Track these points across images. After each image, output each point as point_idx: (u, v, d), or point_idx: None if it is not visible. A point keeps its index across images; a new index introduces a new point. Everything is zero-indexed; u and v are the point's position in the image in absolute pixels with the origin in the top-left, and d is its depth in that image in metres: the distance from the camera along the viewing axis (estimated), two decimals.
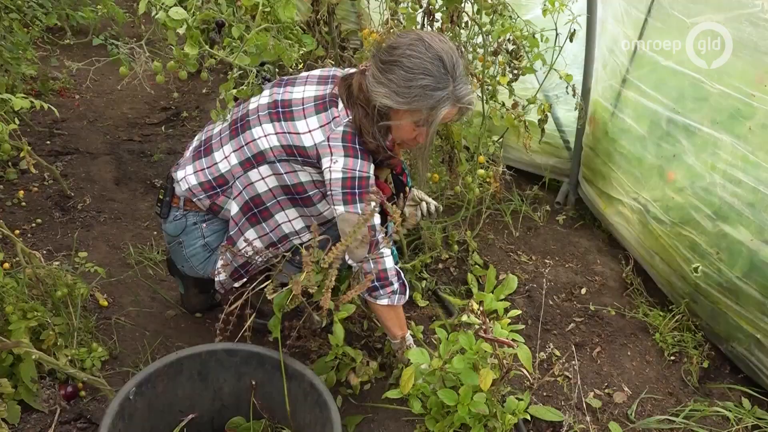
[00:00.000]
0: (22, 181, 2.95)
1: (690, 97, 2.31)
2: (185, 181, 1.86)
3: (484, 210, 2.91)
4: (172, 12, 1.58)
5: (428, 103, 1.66)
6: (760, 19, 1.93)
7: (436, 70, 1.64)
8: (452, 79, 1.66)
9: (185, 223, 1.91)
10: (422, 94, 1.64)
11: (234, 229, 1.85)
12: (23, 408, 1.75)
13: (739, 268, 2.10)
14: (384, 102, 1.67)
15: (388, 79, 1.65)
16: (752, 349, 2.14)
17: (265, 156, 1.76)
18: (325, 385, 1.56)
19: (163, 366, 1.55)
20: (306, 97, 1.79)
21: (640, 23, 2.50)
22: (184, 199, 1.89)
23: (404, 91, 1.64)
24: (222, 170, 1.82)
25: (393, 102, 1.67)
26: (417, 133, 1.77)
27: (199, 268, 1.96)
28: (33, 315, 1.78)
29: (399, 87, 1.64)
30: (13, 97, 1.73)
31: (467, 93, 1.70)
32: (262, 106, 1.81)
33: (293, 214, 1.84)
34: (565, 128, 3.17)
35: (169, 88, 4.17)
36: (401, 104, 1.67)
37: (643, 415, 2.06)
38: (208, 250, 1.93)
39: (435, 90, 1.65)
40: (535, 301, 2.51)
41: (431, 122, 1.70)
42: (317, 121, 1.74)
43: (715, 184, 2.18)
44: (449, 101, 1.67)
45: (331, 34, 2.68)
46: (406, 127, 1.75)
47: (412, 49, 1.64)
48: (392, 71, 1.65)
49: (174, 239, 1.94)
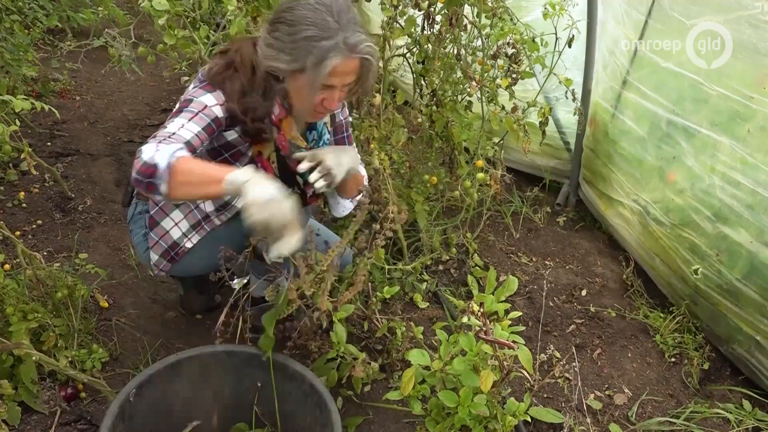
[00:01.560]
0: (22, 182, 2.95)
1: (689, 98, 2.32)
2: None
3: (484, 211, 2.91)
4: (155, 2, 1.65)
5: (315, 56, 1.49)
6: (760, 21, 1.94)
7: (319, 19, 1.48)
8: (340, 28, 1.49)
9: (134, 210, 1.92)
10: (307, 47, 1.48)
11: (154, 208, 1.83)
12: (23, 409, 1.76)
13: (739, 270, 2.10)
14: (272, 64, 1.54)
15: (274, 38, 1.53)
16: (752, 351, 2.14)
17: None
18: (325, 387, 1.56)
19: (164, 367, 1.55)
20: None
21: (641, 24, 2.51)
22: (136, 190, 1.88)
23: (289, 47, 1.50)
24: None
25: (281, 62, 1.53)
26: (322, 97, 1.58)
27: (143, 256, 1.92)
28: (33, 316, 1.79)
29: (284, 43, 1.51)
30: (14, 98, 1.74)
31: (360, 41, 1.51)
32: None
33: None
34: (565, 130, 3.17)
35: (170, 88, 4.18)
36: (288, 62, 1.52)
37: (644, 417, 2.06)
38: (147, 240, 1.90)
39: (321, 40, 1.48)
40: (536, 303, 2.51)
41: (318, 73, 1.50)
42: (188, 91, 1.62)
43: (715, 186, 2.18)
44: (339, 52, 1.49)
45: None
46: (305, 90, 1.57)
47: (295, 1, 1.52)
48: (277, 29, 1.53)
49: (129, 227, 1.95)
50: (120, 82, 4.36)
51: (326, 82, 1.54)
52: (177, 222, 1.82)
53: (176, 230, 1.82)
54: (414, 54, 2.48)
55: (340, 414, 1.50)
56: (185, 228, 1.81)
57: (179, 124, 1.52)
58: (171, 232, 1.82)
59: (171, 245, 1.84)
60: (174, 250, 1.84)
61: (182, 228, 1.82)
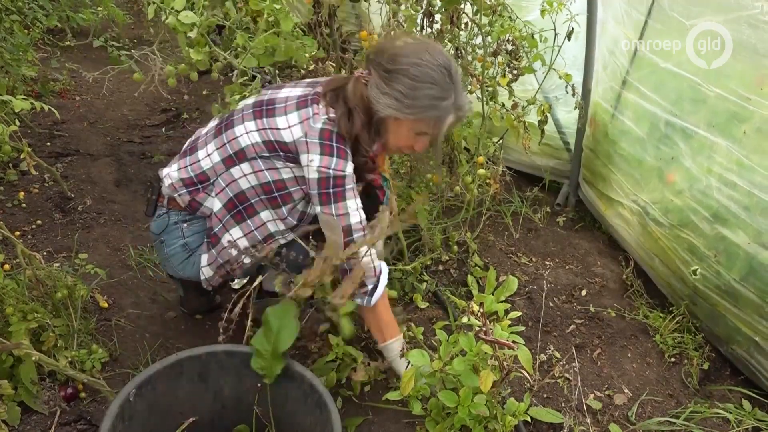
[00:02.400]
0: (22, 182, 2.95)
1: (688, 99, 2.32)
2: (168, 177, 1.87)
3: (484, 211, 2.91)
4: (182, 16, 1.59)
5: (434, 114, 1.67)
6: (759, 21, 1.94)
7: (441, 79, 1.64)
8: (454, 88, 1.67)
9: (167, 221, 1.91)
10: (429, 105, 1.65)
11: (218, 225, 1.83)
12: (23, 409, 1.76)
13: (737, 271, 2.10)
14: (389, 113, 1.68)
15: (394, 89, 1.64)
16: (752, 352, 2.14)
17: (245, 153, 1.75)
18: (325, 387, 1.56)
19: (163, 367, 1.55)
20: (290, 96, 1.79)
21: (641, 25, 2.51)
22: (168, 197, 1.90)
23: (410, 102, 1.64)
24: (204, 167, 1.82)
25: (399, 113, 1.67)
26: (415, 141, 1.77)
27: (178, 268, 1.94)
28: (33, 316, 1.79)
29: (405, 97, 1.64)
30: (14, 98, 1.74)
31: (465, 102, 1.72)
32: (247, 106, 1.82)
33: (275, 215, 1.81)
34: (565, 130, 3.17)
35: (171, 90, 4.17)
36: (408, 115, 1.67)
37: (644, 417, 2.06)
38: (187, 250, 1.91)
39: (441, 100, 1.66)
40: (536, 303, 2.51)
41: (437, 133, 1.72)
42: (297, 117, 1.72)
43: (712, 188, 2.18)
44: (452, 111, 1.69)
45: (332, 36, 2.67)
46: (406, 134, 1.75)
47: (417, 57, 1.63)
48: (398, 80, 1.64)
49: (157, 237, 1.95)
50: (120, 83, 4.36)
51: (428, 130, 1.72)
52: (236, 239, 1.82)
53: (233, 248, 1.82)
54: None
55: (339, 414, 1.50)
56: (244, 246, 1.81)
57: (356, 207, 1.74)
58: (230, 249, 1.82)
59: (228, 261, 1.85)
60: (231, 266, 1.86)
61: (241, 245, 1.81)
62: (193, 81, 1.80)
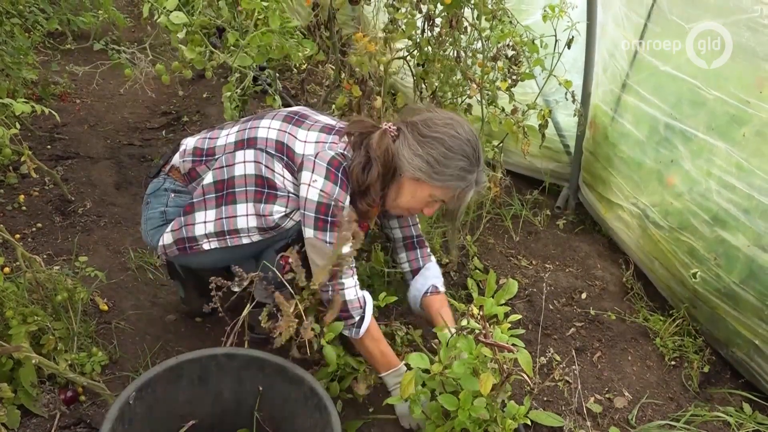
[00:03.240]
0: (22, 185, 2.95)
1: (687, 102, 2.32)
2: (185, 143, 1.93)
3: (484, 214, 2.91)
4: (173, 16, 1.60)
5: (461, 185, 1.73)
6: (758, 25, 1.94)
7: (471, 154, 1.72)
8: (478, 164, 1.75)
9: (160, 185, 1.94)
10: (458, 176, 1.72)
11: (199, 198, 1.84)
12: (23, 412, 1.75)
13: (737, 274, 2.10)
14: (416, 174, 1.73)
15: (427, 153, 1.70)
16: (752, 355, 2.14)
17: (257, 141, 1.79)
18: (325, 390, 1.56)
19: (163, 370, 1.55)
20: (320, 120, 1.86)
21: (640, 27, 2.51)
22: (171, 165, 1.94)
23: (441, 170, 1.70)
24: (218, 143, 1.86)
25: (427, 177, 1.72)
26: (426, 206, 1.82)
27: (149, 233, 1.94)
28: (33, 319, 1.79)
29: (438, 164, 1.70)
30: (14, 101, 1.73)
31: (484, 179, 1.81)
32: (284, 110, 1.91)
33: (251, 210, 1.81)
34: (565, 133, 3.17)
35: (171, 92, 4.18)
36: (435, 181, 1.73)
37: (644, 420, 2.06)
38: (163, 219, 1.91)
39: (468, 173, 1.73)
40: (536, 306, 2.51)
41: (459, 205, 1.80)
42: (316, 136, 1.77)
43: (711, 190, 2.18)
44: (474, 185, 1.77)
45: (332, 38, 2.68)
46: (422, 198, 1.79)
47: (452, 129, 1.71)
48: (432, 146, 1.70)
49: (147, 198, 1.97)
50: (120, 86, 4.36)
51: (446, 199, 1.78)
52: (206, 221, 1.83)
53: (201, 227, 1.83)
54: (414, 57, 2.49)
55: (340, 417, 1.50)
56: (209, 230, 1.82)
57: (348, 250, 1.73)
58: (196, 227, 1.83)
59: (189, 238, 1.84)
60: (190, 243, 1.85)
61: (207, 229, 1.82)
62: (187, 78, 1.81)
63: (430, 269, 2.14)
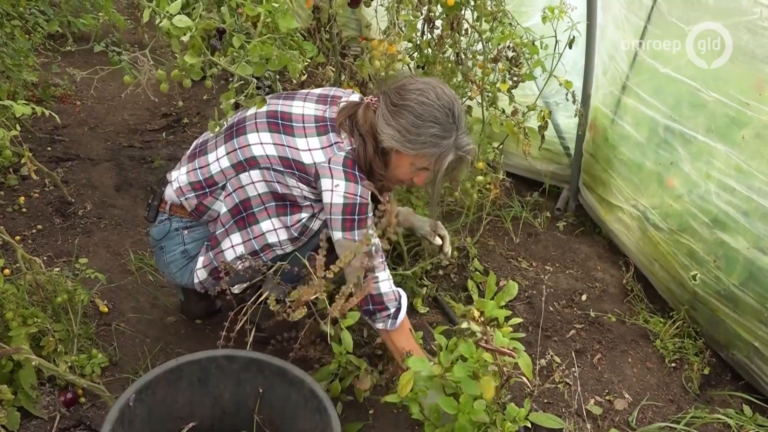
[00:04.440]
0: (22, 187, 2.95)
1: (687, 104, 2.32)
2: (177, 181, 1.87)
3: (484, 216, 2.91)
4: (176, 20, 1.58)
5: (435, 151, 1.71)
6: (758, 27, 1.94)
7: (444, 119, 1.69)
8: (456, 129, 1.72)
9: (168, 227, 1.91)
10: (430, 142, 1.70)
11: (220, 229, 1.84)
12: (23, 414, 1.75)
13: (737, 276, 2.10)
14: (391, 144, 1.72)
15: (398, 123, 1.70)
16: (751, 357, 2.14)
17: (258, 161, 1.76)
18: (325, 392, 1.56)
19: (163, 372, 1.54)
20: (306, 114, 1.81)
21: (640, 30, 2.51)
22: (170, 203, 1.90)
23: (413, 138, 1.69)
24: (213, 171, 1.82)
25: (401, 146, 1.71)
26: (414, 176, 1.81)
27: (176, 275, 1.95)
28: (33, 321, 1.78)
29: (409, 133, 1.69)
30: (15, 103, 1.74)
31: (468, 143, 1.77)
32: (260, 114, 1.82)
33: (278, 224, 1.81)
34: (565, 135, 3.18)
35: (171, 95, 4.19)
36: (408, 149, 1.71)
37: (644, 422, 2.06)
38: (186, 257, 1.92)
39: (442, 138, 1.70)
40: (536, 308, 2.51)
41: (437, 170, 1.75)
42: (318, 142, 1.75)
43: (711, 193, 2.18)
44: (453, 149, 1.73)
45: (332, 41, 2.69)
46: (405, 168, 1.79)
47: (422, 95, 1.69)
48: (402, 115, 1.69)
49: (157, 243, 1.95)
50: (120, 88, 4.36)
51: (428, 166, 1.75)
52: (233, 245, 1.83)
53: (230, 252, 1.83)
54: (414, 59, 2.49)
55: (340, 419, 1.50)
56: (240, 252, 1.82)
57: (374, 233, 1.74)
58: (225, 253, 1.84)
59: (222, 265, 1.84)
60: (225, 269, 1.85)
61: (237, 252, 1.82)
62: (186, 87, 1.79)
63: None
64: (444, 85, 1.77)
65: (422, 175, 1.81)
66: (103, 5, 3.11)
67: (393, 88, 1.75)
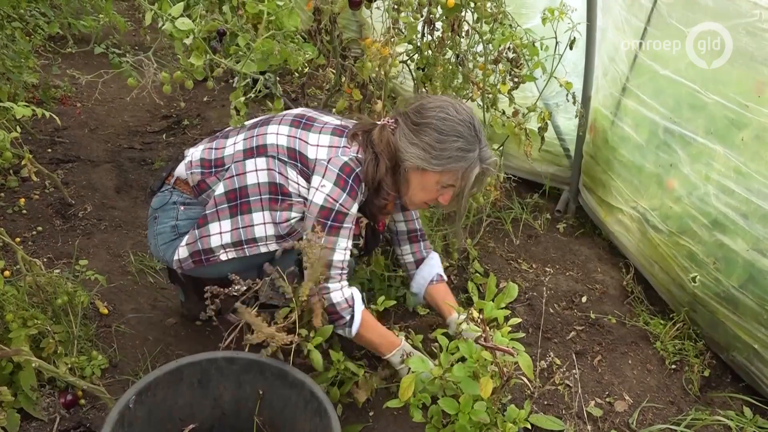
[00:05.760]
0: (23, 188, 2.95)
1: (686, 106, 2.32)
2: (191, 155, 1.92)
3: (484, 218, 2.91)
4: (179, 23, 1.59)
5: (462, 165, 1.72)
6: (757, 29, 1.94)
7: (467, 132, 1.71)
8: (479, 142, 1.74)
9: (168, 198, 1.93)
10: (456, 156, 1.71)
11: (212, 209, 1.83)
12: (23, 416, 1.75)
13: (736, 278, 2.10)
14: (416, 163, 1.74)
15: (421, 140, 1.71)
16: (751, 359, 2.14)
17: (267, 149, 1.79)
18: (325, 394, 1.56)
19: (163, 374, 1.55)
20: (329, 121, 1.87)
21: (640, 31, 2.52)
22: (176, 177, 1.94)
23: (438, 154, 1.71)
24: (225, 153, 1.86)
25: (426, 164, 1.73)
26: (440, 194, 1.81)
27: (161, 248, 1.93)
28: (33, 323, 1.78)
29: (433, 149, 1.71)
30: (15, 105, 1.74)
31: (491, 155, 1.78)
32: (289, 113, 1.90)
33: (269, 218, 1.82)
34: (565, 136, 3.18)
35: (172, 96, 4.19)
36: (434, 166, 1.73)
37: (645, 424, 2.06)
38: (175, 233, 1.91)
39: (467, 152, 1.72)
40: (536, 310, 2.51)
41: (464, 185, 1.76)
42: (328, 140, 1.79)
43: (710, 195, 2.18)
44: (478, 162, 1.74)
45: (333, 43, 2.68)
46: (431, 187, 1.79)
47: (442, 111, 1.71)
48: (425, 132, 1.71)
49: (153, 212, 1.96)
50: (120, 89, 4.37)
51: (454, 182, 1.76)
52: (222, 231, 1.83)
53: (217, 238, 1.82)
54: (414, 61, 2.49)
55: (340, 422, 1.50)
56: (226, 241, 1.82)
57: (344, 247, 1.77)
58: (211, 238, 1.83)
59: (205, 250, 1.84)
60: (206, 255, 1.84)
61: (224, 239, 1.82)
62: (189, 89, 1.81)
63: (433, 258, 2.19)
64: (460, 101, 1.80)
65: (448, 193, 1.82)
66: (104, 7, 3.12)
67: (411, 109, 1.77)
